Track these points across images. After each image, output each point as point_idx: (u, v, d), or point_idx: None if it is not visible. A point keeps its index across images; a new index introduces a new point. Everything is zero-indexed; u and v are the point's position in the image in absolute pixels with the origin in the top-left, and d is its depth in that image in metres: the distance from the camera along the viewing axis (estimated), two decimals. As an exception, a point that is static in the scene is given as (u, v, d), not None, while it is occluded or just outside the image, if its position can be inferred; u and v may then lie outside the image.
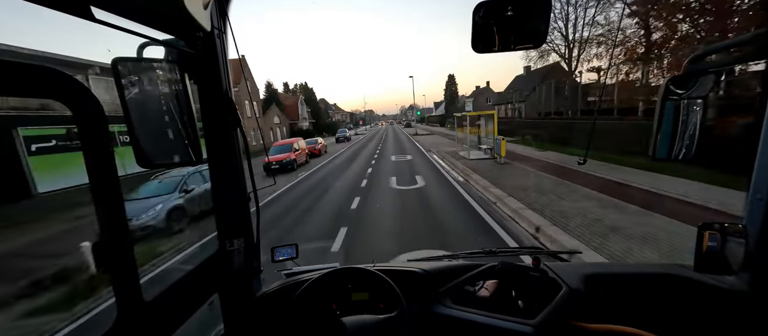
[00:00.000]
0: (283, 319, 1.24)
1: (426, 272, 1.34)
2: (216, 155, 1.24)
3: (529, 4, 0.95)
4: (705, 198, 5.81)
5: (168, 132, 1.03)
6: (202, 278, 1.20)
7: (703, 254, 1.05)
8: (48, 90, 0.66)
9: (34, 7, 0.63)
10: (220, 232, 1.31)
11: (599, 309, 1.16)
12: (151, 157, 0.99)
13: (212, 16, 1.11)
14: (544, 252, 1.53)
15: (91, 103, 0.71)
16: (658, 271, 1.27)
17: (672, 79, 1.00)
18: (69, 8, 0.66)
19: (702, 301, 1.14)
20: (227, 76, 1.22)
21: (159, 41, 0.96)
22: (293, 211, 7.59)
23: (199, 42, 1.09)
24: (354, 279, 1.28)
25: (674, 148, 1.04)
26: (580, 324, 1.10)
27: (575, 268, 1.31)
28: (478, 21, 0.98)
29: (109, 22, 0.74)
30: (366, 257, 4.13)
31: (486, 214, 6.25)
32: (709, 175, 6.52)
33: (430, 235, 5.28)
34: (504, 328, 1.10)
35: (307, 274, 1.46)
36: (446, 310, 1.22)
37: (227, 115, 1.21)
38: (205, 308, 1.18)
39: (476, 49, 1.03)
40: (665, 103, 1.02)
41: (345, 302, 1.29)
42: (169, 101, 1.02)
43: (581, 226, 5.08)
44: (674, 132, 1.03)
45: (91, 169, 0.73)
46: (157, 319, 0.94)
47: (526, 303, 1.21)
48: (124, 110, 0.89)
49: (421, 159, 15.38)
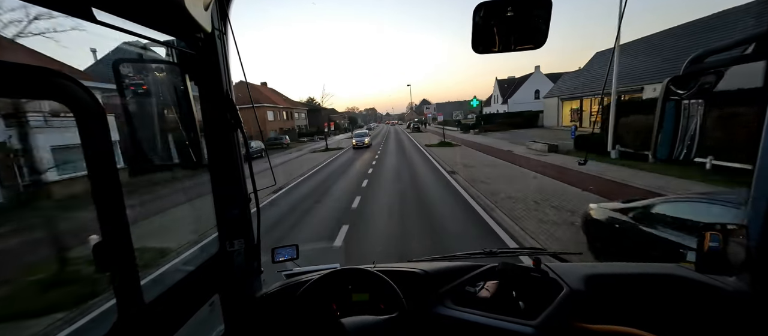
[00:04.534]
0: (283, 320, 1.24)
1: (426, 273, 1.34)
2: (217, 156, 1.24)
3: (530, 5, 0.95)
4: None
5: (169, 133, 1.03)
6: (203, 279, 1.20)
7: (705, 254, 1.05)
8: (49, 91, 0.66)
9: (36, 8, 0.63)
10: (221, 232, 1.31)
11: (600, 309, 1.16)
12: (151, 158, 0.99)
13: (213, 17, 1.11)
14: (544, 252, 1.52)
15: (92, 104, 0.71)
16: (660, 271, 1.27)
17: (672, 79, 1.00)
18: (71, 10, 0.66)
19: (703, 301, 1.13)
20: (228, 76, 1.22)
21: (160, 42, 0.96)
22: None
23: (200, 43, 1.09)
24: (354, 280, 1.28)
25: (675, 148, 1.04)
26: (581, 325, 1.09)
27: (576, 269, 1.31)
28: (479, 21, 0.98)
29: (111, 24, 0.74)
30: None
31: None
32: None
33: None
34: (505, 329, 1.10)
35: (308, 275, 1.46)
36: (447, 310, 1.22)
37: (228, 115, 1.21)
38: (205, 309, 1.18)
39: (476, 50, 1.03)
40: (666, 103, 1.02)
41: (345, 303, 1.29)
42: (170, 102, 1.03)
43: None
44: (675, 132, 1.03)
45: (92, 170, 0.73)
46: (158, 319, 0.94)
47: (527, 303, 1.21)
48: (125, 111, 0.90)
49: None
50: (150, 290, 0.90)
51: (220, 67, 1.17)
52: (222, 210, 1.29)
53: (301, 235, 5.89)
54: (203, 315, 1.17)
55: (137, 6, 0.82)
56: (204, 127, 1.19)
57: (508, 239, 5.15)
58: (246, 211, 1.35)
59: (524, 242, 4.98)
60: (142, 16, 0.85)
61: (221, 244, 1.31)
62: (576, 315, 1.12)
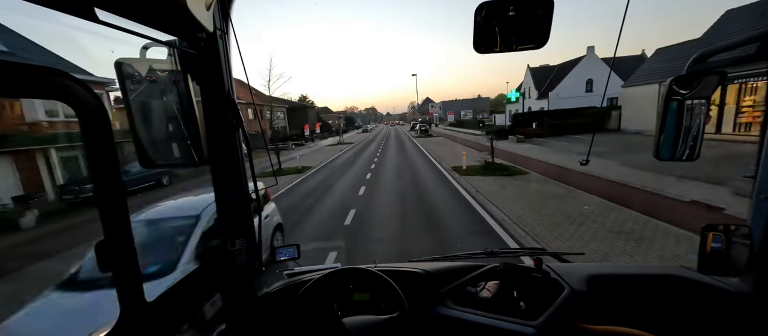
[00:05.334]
0: (284, 319, 1.24)
1: (427, 273, 1.34)
2: (218, 155, 1.24)
3: (531, 5, 0.95)
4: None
5: (171, 132, 1.04)
6: (204, 278, 1.20)
7: (707, 255, 1.05)
8: (52, 91, 0.66)
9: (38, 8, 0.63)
10: (223, 232, 1.31)
11: (602, 310, 1.15)
12: (153, 157, 0.99)
13: (215, 17, 1.11)
14: (546, 253, 1.52)
15: (94, 103, 0.71)
16: (662, 272, 1.26)
17: (675, 79, 1.00)
18: (73, 10, 0.67)
19: (706, 303, 1.13)
20: (230, 76, 1.23)
21: (162, 42, 0.96)
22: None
23: (202, 43, 1.09)
24: (355, 279, 1.28)
25: (678, 148, 1.04)
26: (583, 325, 1.09)
27: (578, 269, 1.30)
28: (480, 21, 0.98)
29: (113, 24, 0.74)
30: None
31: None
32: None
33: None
34: (506, 329, 1.10)
35: (309, 275, 1.46)
36: (448, 310, 1.22)
37: (229, 115, 1.22)
38: (207, 308, 1.18)
39: (478, 50, 1.03)
40: (668, 103, 1.01)
41: (346, 302, 1.29)
42: (171, 102, 1.03)
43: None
44: (677, 132, 1.02)
45: (95, 169, 0.73)
46: (160, 318, 0.94)
47: (528, 304, 1.21)
48: (127, 111, 0.90)
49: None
50: (152, 289, 0.91)
51: (221, 66, 1.17)
52: (223, 209, 1.30)
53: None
54: (205, 314, 1.17)
55: (139, 6, 0.82)
56: (205, 127, 1.19)
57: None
58: (247, 211, 1.35)
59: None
60: (144, 16, 0.85)
61: (223, 243, 1.31)
62: (577, 315, 1.12)
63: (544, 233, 5.39)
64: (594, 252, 4.52)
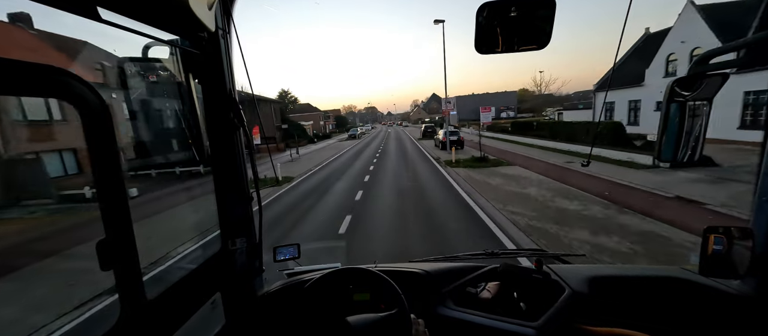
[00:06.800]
0: (285, 319, 1.24)
1: (427, 273, 1.34)
2: (219, 154, 1.24)
3: (533, 5, 0.95)
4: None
5: (172, 131, 1.04)
6: (205, 277, 1.20)
7: (709, 257, 1.04)
8: (54, 89, 0.66)
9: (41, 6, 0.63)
10: (223, 231, 1.31)
11: (602, 312, 1.15)
12: (155, 156, 0.99)
13: (217, 17, 1.11)
14: (546, 254, 1.52)
15: (96, 102, 0.71)
16: (663, 273, 1.26)
17: (677, 80, 1.00)
18: (75, 8, 0.67)
19: (707, 305, 1.12)
20: (231, 76, 1.23)
21: (164, 41, 0.96)
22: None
23: (204, 42, 1.10)
24: (355, 279, 1.28)
25: (679, 150, 1.03)
26: (583, 327, 1.09)
27: (578, 271, 1.30)
28: (482, 22, 0.97)
29: (115, 23, 0.74)
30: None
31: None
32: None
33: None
34: (506, 330, 1.10)
35: (309, 274, 1.46)
36: (448, 311, 1.22)
37: (231, 115, 1.22)
38: (207, 307, 1.18)
39: (479, 50, 1.03)
40: (670, 104, 1.01)
41: (346, 302, 1.29)
42: (173, 101, 1.03)
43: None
44: (679, 134, 1.02)
45: (96, 168, 0.73)
46: (160, 317, 0.94)
47: (529, 305, 1.20)
48: (129, 109, 0.90)
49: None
50: (152, 288, 0.91)
51: (223, 66, 1.18)
52: (224, 208, 1.30)
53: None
54: (205, 313, 1.17)
55: (142, 5, 0.83)
56: (207, 126, 1.19)
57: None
58: (248, 210, 1.35)
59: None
60: (146, 15, 0.85)
61: (223, 243, 1.31)
62: (578, 317, 1.11)
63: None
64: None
